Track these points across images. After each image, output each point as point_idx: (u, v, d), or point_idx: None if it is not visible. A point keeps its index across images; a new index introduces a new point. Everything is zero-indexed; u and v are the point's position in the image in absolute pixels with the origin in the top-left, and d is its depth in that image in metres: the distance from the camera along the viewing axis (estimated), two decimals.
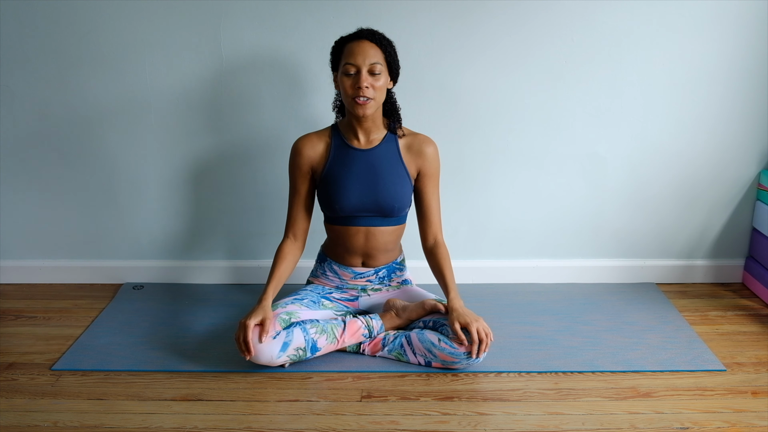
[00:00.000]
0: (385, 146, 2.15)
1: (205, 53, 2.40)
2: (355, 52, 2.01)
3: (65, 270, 2.66)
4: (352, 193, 2.11)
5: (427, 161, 2.16)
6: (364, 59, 2.00)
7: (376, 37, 2.04)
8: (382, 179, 2.12)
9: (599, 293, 2.58)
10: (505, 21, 2.37)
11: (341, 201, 2.11)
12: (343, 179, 2.12)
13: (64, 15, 2.35)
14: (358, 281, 2.24)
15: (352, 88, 2.02)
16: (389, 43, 2.08)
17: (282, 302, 2.12)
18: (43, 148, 2.51)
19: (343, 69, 2.03)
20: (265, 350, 1.97)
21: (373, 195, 2.12)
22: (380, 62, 2.03)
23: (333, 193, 2.12)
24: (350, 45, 2.04)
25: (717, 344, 2.22)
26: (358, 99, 2.02)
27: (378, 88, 2.03)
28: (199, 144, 2.51)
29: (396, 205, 2.14)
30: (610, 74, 2.44)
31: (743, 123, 2.50)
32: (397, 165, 2.14)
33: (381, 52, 2.04)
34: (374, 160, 2.13)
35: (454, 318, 2.00)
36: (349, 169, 2.12)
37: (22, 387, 1.97)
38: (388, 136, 2.16)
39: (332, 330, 2.06)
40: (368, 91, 2.01)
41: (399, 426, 1.80)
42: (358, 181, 2.11)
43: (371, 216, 2.15)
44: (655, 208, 2.61)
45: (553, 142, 2.51)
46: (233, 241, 2.64)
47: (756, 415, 1.85)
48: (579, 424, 1.81)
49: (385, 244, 2.20)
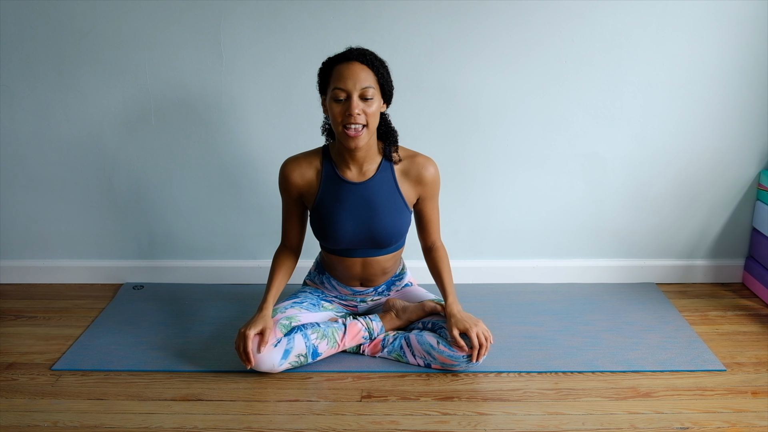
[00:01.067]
0: (381, 176, 2.01)
1: (205, 53, 2.40)
2: (344, 76, 1.86)
3: (65, 270, 2.66)
4: (345, 227, 2.01)
5: (427, 187, 2.04)
6: (354, 83, 1.85)
7: (367, 58, 1.88)
8: (378, 213, 2.01)
9: (599, 293, 2.58)
10: (505, 21, 2.37)
11: (334, 235, 2.03)
12: (336, 214, 2.01)
13: (64, 15, 2.35)
14: (360, 296, 2.23)
15: (342, 115, 1.87)
16: (381, 63, 1.93)
17: (281, 306, 2.11)
18: (43, 148, 2.51)
19: (332, 94, 1.88)
20: (266, 359, 1.96)
21: (368, 229, 2.02)
22: (372, 85, 1.88)
23: (325, 227, 2.02)
24: (339, 67, 1.88)
25: (717, 344, 2.22)
26: (348, 129, 1.87)
27: (371, 114, 1.88)
28: (199, 144, 2.51)
29: (393, 238, 2.06)
30: (610, 74, 2.43)
31: (743, 123, 2.50)
32: (394, 196, 2.02)
33: (373, 74, 1.89)
34: (369, 193, 2.00)
35: (452, 324, 1.99)
36: (341, 203, 2.00)
37: (22, 387, 1.97)
38: (383, 165, 2.01)
39: (333, 334, 2.05)
40: (360, 118, 1.86)
41: (399, 426, 1.80)
42: (352, 216, 2.01)
43: (367, 248, 2.08)
44: (655, 208, 2.61)
45: (553, 142, 2.51)
46: (233, 241, 2.64)
47: (756, 415, 1.85)
48: (579, 424, 1.81)
49: (383, 269, 2.16)
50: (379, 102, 1.93)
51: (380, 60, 1.93)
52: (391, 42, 2.38)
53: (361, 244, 2.06)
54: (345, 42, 2.36)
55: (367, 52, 1.91)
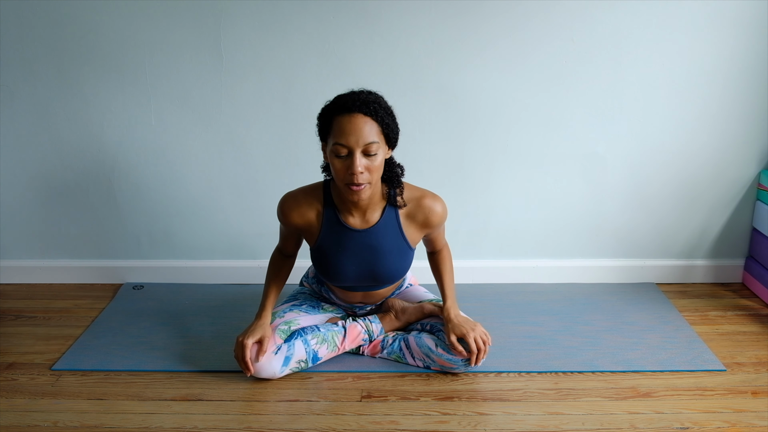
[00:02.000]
0: (384, 222, 1.93)
1: (205, 53, 2.40)
2: (346, 132, 1.72)
3: (65, 270, 2.66)
4: (347, 270, 1.96)
5: (434, 227, 1.98)
6: (357, 140, 1.72)
7: (370, 108, 1.73)
8: (381, 257, 1.95)
9: (599, 293, 2.58)
10: (505, 21, 2.37)
11: (336, 276, 1.98)
12: (337, 257, 1.94)
13: (64, 15, 2.35)
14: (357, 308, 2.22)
15: (344, 172, 1.76)
16: (386, 110, 1.78)
17: (279, 311, 2.10)
18: (43, 148, 2.51)
19: (334, 149, 1.75)
20: (267, 367, 1.95)
21: (370, 271, 1.97)
22: (376, 139, 1.74)
23: (326, 267, 1.97)
24: (340, 120, 1.74)
25: (717, 344, 2.22)
26: (351, 186, 1.77)
27: (375, 169, 1.77)
28: (199, 144, 2.50)
29: (396, 277, 2.02)
30: (610, 74, 2.43)
31: (743, 123, 2.50)
32: (398, 240, 1.95)
33: (377, 126, 1.75)
34: (371, 240, 1.93)
35: (449, 330, 1.98)
36: (344, 249, 1.93)
37: (22, 387, 1.97)
38: (387, 211, 1.93)
39: (333, 338, 2.05)
40: (363, 177, 1.75)
41: (399, 426, 1.80)
42: (354, 260, 1.95)
43: (369, 285, 2.05)
44: (655, 208, 2.61)
45: (553, 142, 2.51)
46: (233, 241, 2.64)
47: (756, 415, 1.85)
48: (579, 424, 1.81)
49: (384, 296, 2.16)
50: (384, 151, 1.81)
51: (384, 107, 1.78)
52: (391, 42, 2.38)
53: (363, 283, 2.03)
54: (345, 42, 2.37)
55: (370, 101, 1.75)
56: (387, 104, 1.81)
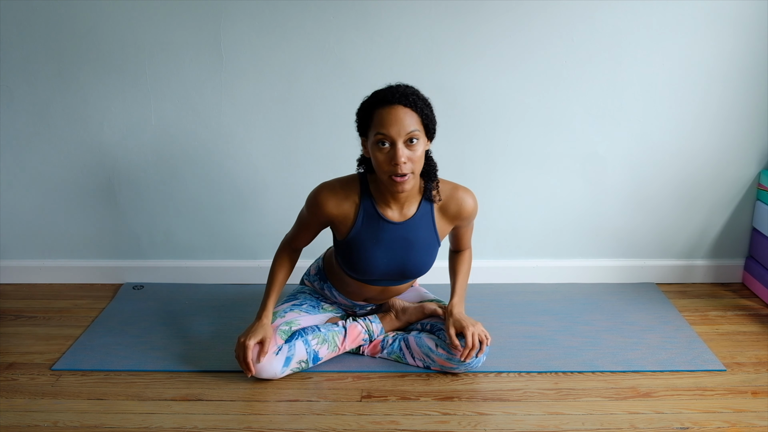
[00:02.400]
0: (420, 215, 1.96)
1: (205, 53, 2.40)
2: (388, 123, 1.76)
3: (65, 270, 2.66)
4: (378, 263, 1.97)
5: (464, 220, 2.01)
6: (399, 130, 1.76)
7: (410, 100, 1.77)
8: (414, 251, 1.97)
9: (599, 293, 2.58)
10: (505, 21, 2.37)
11: (365, 269, 1.98)
12: (371, 250, 1.95)
13: (64, 15, 2.35)
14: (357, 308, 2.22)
15: (387, 163, 1.79)
16: (424, 102, 1.82)
17: (280, 310, 2.09)
18: (43, 148, 2.51)
19: (375, 140, 1.79)
20: (268, 368, 1.95)
21: (401, 266, 1.99)
22: (417, 128, 1.78)
23: (357, 260, 1.96)
24: (381, 112, 1.78)
25: (717, 344, 2.22)
26: (395, 177, 1.79)
27: (416, 159, 1.80)
28: (199, 144, 2.50)
29: (423, 272, 2.03)
30: (610, 74, 2.43)
31: (743, 123, 2.50)
32: (430, 234, 1.98)
33: (417, 117, 1.79)
34: (407, 233, 1.95)
35: (450, 323, 1.99)
36: (379, 241, 1.94)
37: (22, 387, 1.97)
38: (422, 205, 1.96)
39: (333, 338, 2.05)
40: (406, 167, 1.78)
41: (399, 426, 1.80)
42: (387, 254, 1.96)
43: (394, 280, 2.05)
44: (655, 207, 2.61)
45: (553, 142, 2.51)
46: (233, 241, 2.64)
47: (756, 415, 1.85)
48: (579, 424, 1.81)
49: (398, 293, 2.17)
50: (425, 142, 1.84)
51: (423, 98, 1.83)
52: (391, 42, 2.38)
53: (390, 276, 2.02)
54: (345, 42, 2.37)
55: (409, 92, 1.80)
56: (424, 96, 1.84)
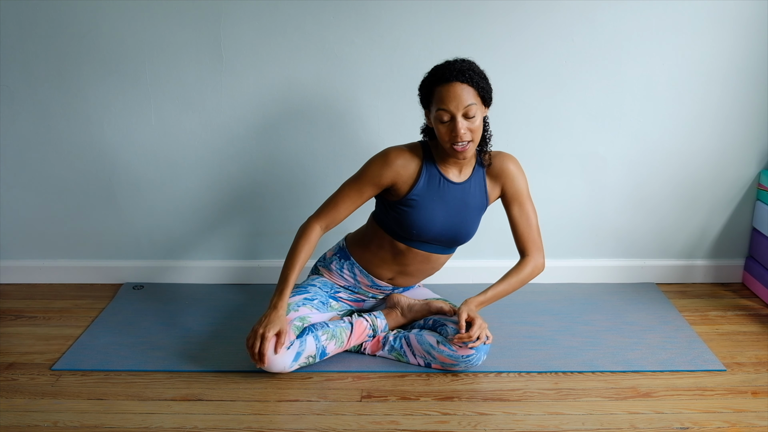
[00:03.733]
0: (475, 178, 2.09)
1: (205, 53, 2.40)
2: (447, 99, 1.90)
3: (65, 270, 2.66)
4: (436, 222, 2.05)
5: (508, 179, 2.10)
6: (457, 105, 1.90)
7: (466, 76, 1.90)
8: (468, 212, 2.08)
9: (599, 293, 2.58)
10: (505, 22, 2.37)
11: (423, 228, 2.04)
12: (432, 209, 2.04)
13: (64, 15, 2.35)
14: (373, 290, 2.23)
15: (448, 135, 1.93)
16: (480, 75, 1.94)
17: (293, 304, 2.08)
18: (43, 148, 2.51)
19: (437, 115, 1.93)
20: (279, 361, 1.95)
21: (456, 227, 2.07)
22: (475, 101, 1.91)
23: (417, 218, 2.03)
24: (440, 89, 1.91)
25: (717, 344, 2.22)
26: (456, 146, 1.94)
27: (475, 129, 1.94)
28: (199, 144, 2.50)
29: (469, 238, 2.13)
30: (610, 75, 2.43)
31: (743, 123, 2.50)
32: (482, 197, 2.10)
33: (474, 90, 1.92)
34: (464, 194, 2.07)
35: (463, 309, 2.00)
36: (441, 199, 2.05)
37: (22, 387, 1.97)
38: (476, 169, 2.10)
39: (341, 334, 2.06)
40: (466, 136, 1.92)
41: (399, 426, 1.80)
42: (446, 212, 2.05)
43: (440, 245, 2.11)
44: (655, 207, 2.61)
45: (553, 142, 2.51)
46: (233, 241, 2.64)
47: (756, 415, 1.85)
48: (579, 424, 1.81)
49: (433, 269, 2.19)
50: (482, 110, 1.97)
51: (479, 72, 1.94)
52: (391, 42, 2.38)
53: (442, 239, 2.09)
54: (345, 42, 2.38)
55: (465, 68, 1.91)
56: (479, 69, 1.97)
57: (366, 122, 2.47)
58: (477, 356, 2.01)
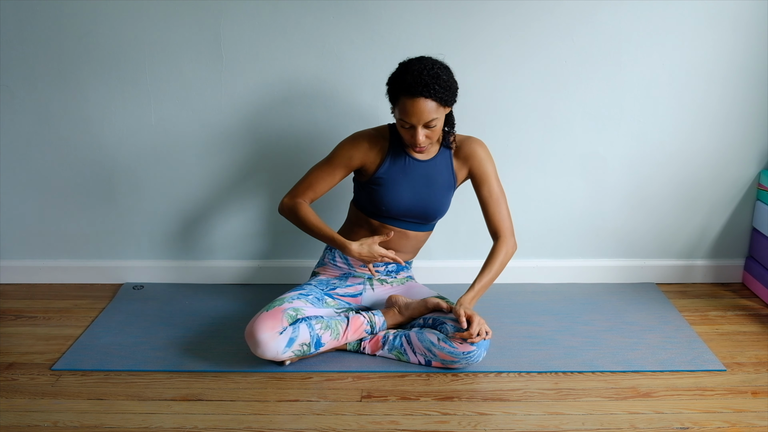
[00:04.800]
0: (440, 157, 2.17)
1: (205, 53, 2.40)
2: (409, 113, 1.97)
3: (65, 270, 2.66)
4: (403, 197, 2.14)
5: (476, 161, 2.17)
6: (419, 119, 1.97)
7: (431, 91, 1.94)
8: (435, 188, 2.16)
9: (599, 293, 2.58)
10: (505, 22, 2.37)
11: (392, 204, 2.14)
12: (397, 184, 2.14)
13: (64, 15, 2.35)
14: (366, 270, 2.24)
15: (409, 139, 2.04)
16: (445, 86, 1.97)
17: (288, 297, 2.10)
18: (43, 148, 2.51)
19: (399, 121, 2.02)
20: (272, 346, 1.96)
21: (423, 202, 2.16)
22: (436, 115, 1.99)
23: (385, 195, 2.14)
24: (405, 101, 1.97)
25: (717, 344, 2.22)
26: (415, 147, 2.05)
27: (435, 133, 2.02)
28: (199, 144, 2.50)
29: (439, 214, 2.20)
30: (610, 75, 2.43)
31: (743, 123, 2.50)
32: (449, 176, 2.18)
33: (437, 104, 1.98)
34: (430, 170, 2.16)
35: (459, 306, 2.01)
36: (405, 175, 2.14)
37: (22, 387, 1.97)
38: (441, 150, 2.17)
39: (336, 326, 2.06)
40: (425, 143, 2.03)
41: (399, 426, 1.80)
42: (411, 188, 2.14)
43: (412, 222, 2.19)
44: (655, 207, 2.61)
45: (553, 142, 2.51)
46: (233, 241, 2.64)
47: (756, 415, 1.85)
48: (579, 424, 1.81)
49: (413, 247, 2.25)
50: (443, 117, 2.04)
51: (444, 82, 1.97)
52: (391, 42, 2.38)
53: (412, 215, 2.17)
54: (345, 42, 2.38)
55: (431, 81, 1.94)
56: (446, 76, 1.99)
57: (366, 122, 2.47)
58: (477, 353, 2.01)
